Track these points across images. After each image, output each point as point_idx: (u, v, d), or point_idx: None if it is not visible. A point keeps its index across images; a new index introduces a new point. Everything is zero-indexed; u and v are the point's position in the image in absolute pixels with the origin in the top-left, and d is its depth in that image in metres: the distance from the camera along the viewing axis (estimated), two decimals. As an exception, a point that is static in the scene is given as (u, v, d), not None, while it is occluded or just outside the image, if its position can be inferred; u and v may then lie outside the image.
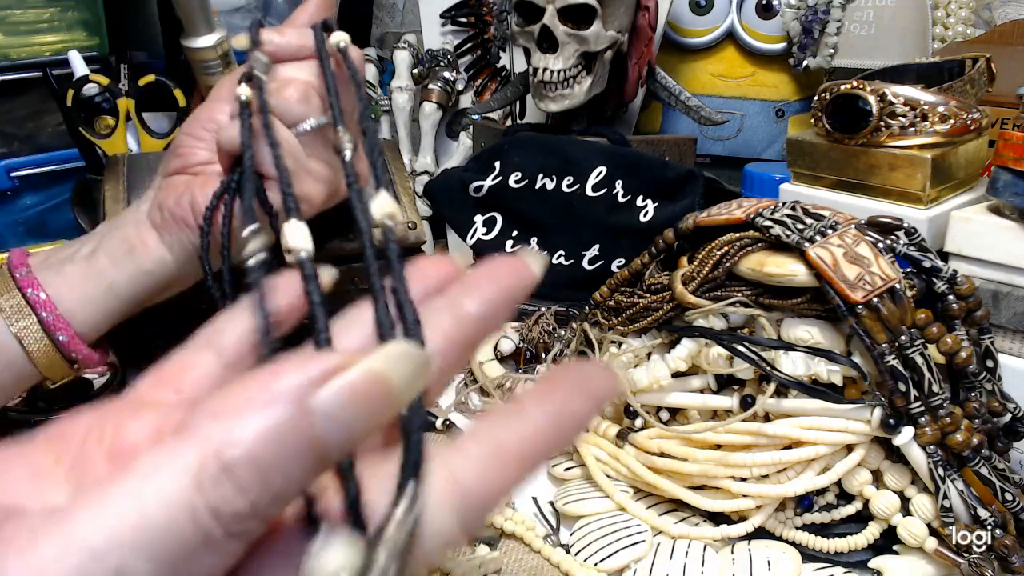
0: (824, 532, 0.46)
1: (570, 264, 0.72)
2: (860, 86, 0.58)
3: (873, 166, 0.59)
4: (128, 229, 0.49)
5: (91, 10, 0.89)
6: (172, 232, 0.48)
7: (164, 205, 0.48)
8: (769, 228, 0.46)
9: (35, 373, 0.49)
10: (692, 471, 0.46)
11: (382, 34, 1.04)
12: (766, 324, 0.46)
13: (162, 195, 0.49)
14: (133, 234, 0.49)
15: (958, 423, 0.43)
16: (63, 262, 0.49)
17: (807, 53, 0.81)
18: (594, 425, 0.52)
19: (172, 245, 0.48)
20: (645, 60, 0.76)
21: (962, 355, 0.44)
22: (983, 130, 0.60)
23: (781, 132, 0.87)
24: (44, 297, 0.48)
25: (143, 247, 0.49)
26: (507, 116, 0.92)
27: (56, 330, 0.48)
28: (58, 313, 0.48)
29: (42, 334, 0.48)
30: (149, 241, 0.49)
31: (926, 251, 0.46)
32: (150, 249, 0.48)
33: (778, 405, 0.45)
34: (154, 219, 0.49)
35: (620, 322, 0.53)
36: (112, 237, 0.50)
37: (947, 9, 0.79)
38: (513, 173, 0.72)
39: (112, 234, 0.50)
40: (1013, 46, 0.71)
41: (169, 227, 0.48)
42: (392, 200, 0.36)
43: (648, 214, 0.70)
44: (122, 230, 0.50)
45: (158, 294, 0.51)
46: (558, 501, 0.50)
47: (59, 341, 0.48)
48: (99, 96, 0.78)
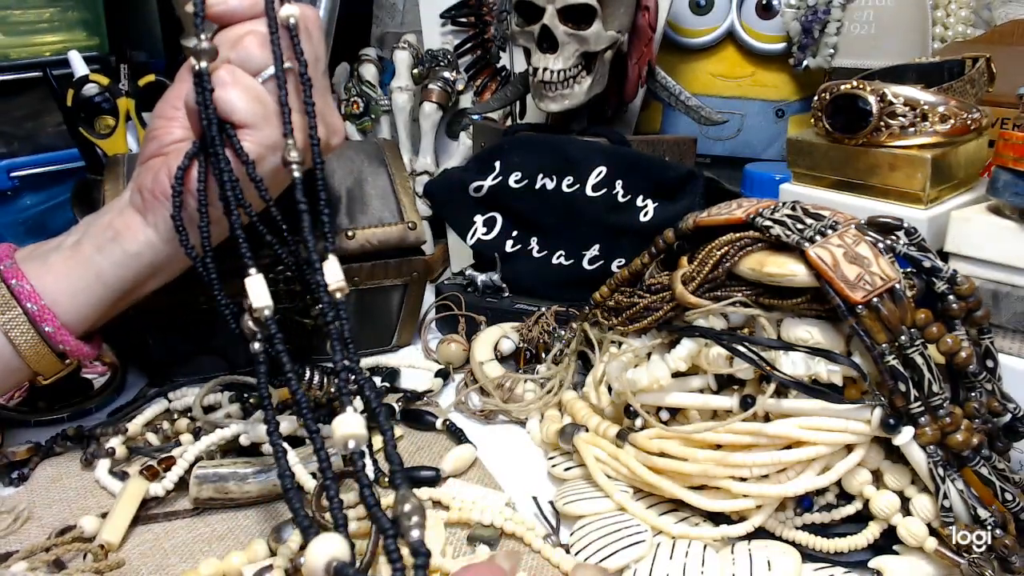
0: (824, 532, 0.46)
1: (570, 264, 0.72)
2: (860, 86, 0.58)
3: (873, 166, 0.59)
4: (111, 215, 0.49)
5: (91, 10, 0.89)
6: (155, 211, 0.48)
7: (144, 187, 0.48)
8: (769, 228, 0.46)
9: (24, 367, 0.49)
10: (692, 471, 0.46)
11: (382, 34, 1.04)
12: (766, 324, 0.46)
13: (141, 178, 0.49)
14: (117, 220, 0.49)
15: (958, 423, 0.43)
16: (48, 252, 0.49)
17: (807, 53, 0.81)
18: (594, 425, 0.52)
19: (157, 225, 0.48)
20: (645, 60, 0.76)
21: (962, 355, 0.44)
22: (983, 130, 0.60)
23: (781, 132, 0.87)
24: (29, 288, 0.48)
25: (128, 231, 0.48)
26: (507, 116, 0.92)
27: (42, 321, 0.48)
28: (43, 304, 0.48)
29: (28, 326, 0.48)
30: (134, 224, 0.49)
31: (926, 251, 0.46)
32: (136, 232, 0.48)
33: (778, 405, 0.45)
34: (135, 203, 0.49)
35: (620, 322, 0.53)
36: (96, 225, 0.50)
37: (947, 9, 0.79)
38: (513, 173, 0.72)
39: (96, 222, 0.50)
40: (1013, 46, 0.70)
41: (152, 207, 0.48)
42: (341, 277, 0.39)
43: (648, 214, 0.70)
44: (105, 217, 0.50)
45: (147, 280, 0.51)
46: (558, 501, 0.50)
47: (45, 332, 0.48)
48: (99, 96, 0.79)
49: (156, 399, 0.60)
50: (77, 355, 0.50)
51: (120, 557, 0.45)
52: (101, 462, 0.53)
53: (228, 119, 0.45)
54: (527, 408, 0.60)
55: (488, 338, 0.68)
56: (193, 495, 0.49)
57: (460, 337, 0.70)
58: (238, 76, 0.45)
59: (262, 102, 0.46)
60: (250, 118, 0.45)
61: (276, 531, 0.45)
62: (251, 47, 0.46)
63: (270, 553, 0.45)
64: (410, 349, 0.74)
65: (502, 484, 0.53)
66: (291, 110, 0.46)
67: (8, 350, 0.48)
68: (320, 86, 0.49)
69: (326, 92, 0.51)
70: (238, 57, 0.46)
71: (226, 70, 0.45)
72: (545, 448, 0.57)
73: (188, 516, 0.49)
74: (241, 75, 0.45)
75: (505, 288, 0.73)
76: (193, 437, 0.56)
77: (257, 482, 0.49)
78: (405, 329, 0.72)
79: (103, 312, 0.50)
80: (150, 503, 0.50)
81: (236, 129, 0.45)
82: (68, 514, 0.49)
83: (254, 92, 0.46)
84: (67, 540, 0.45)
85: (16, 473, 0.53)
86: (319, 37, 0.49)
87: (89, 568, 0.43)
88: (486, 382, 0.63)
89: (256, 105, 0.45)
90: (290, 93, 0.46)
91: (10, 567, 0.43)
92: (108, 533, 0.46)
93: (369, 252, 0.67)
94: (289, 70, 0.46)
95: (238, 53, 0.46)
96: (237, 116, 0.45)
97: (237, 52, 0.46)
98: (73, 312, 0.49)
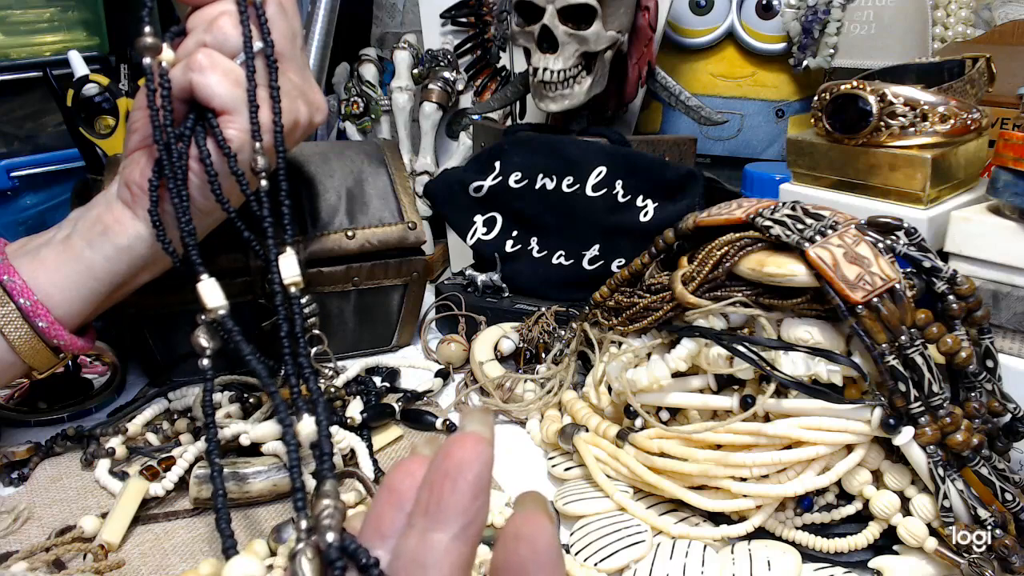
0: (824, 532, 0.46)
1: (570, 264, 0.72)
2: (860, 86, 0.58)
3: (873, 166, 0.59)
4: (100, 210, 0.49)
5: (91, 10, 0.89)
6: (143, 204, 0.48)
7: (130, 180, 0.48)
8: (769, 228, 0.46)
9: (19, 363, 0.49)
10: (692, 471, 0.46)
11: (382, 34, 1.04)
12: (766, 324, 0.46)
13: (127, 172, 0.49)
14: (106, 214, 0.49)
15: (958, 423, 0.43)
16: (39, 248, 0.49)
17: (807, 53, 0.81)
18: (594, 425, 0.52)
19: (146, 218, 0.48)
20: (645, 60, 0.76)
21: (962, 355, 0.44)
22: (983, 130, 0.60)
23: (781, 132, 0.87)
24: (21, 283, 0.47)
25: (117, 225, 0.48)
26: (507, 116, 0.92)
27: (35, 316, 0.47)
28: (36, 299, 0.47)
29: (22, 321, 0.47)
30: (123, 218, 0.48)
31: (926, 251, 0.46)
32: (125, 226, 0.48)
33: (778, 405, 0.45)
34: (123, 197, 0.49)
35: (620, 322, 0.53)
36: (85, 220, 0.49)
37: (947, 9, 0.79)
38: (513, 173, 0.72)
39: (85, 216, 0.50)
40: (1013, 46, 0.70)
41: (139, 200, 0.48)
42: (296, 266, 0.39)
43: (648, 214, 0.70)
44: (94, 211, 0.49)
45: (139, 272, 0.50)
46: (558, 501, 0.50)
47: (39, 328, 0.48)
48: (99, 96, 0.78)
49: (156, 399, 0.60)
50: (71, 349, 0.50)
51: (120, 557, 0.45)
52: (101, 462, 0.53)
53: (208, 105, 0.44)
54: (527, 408, 0.60)
55: (488, 338, 0.68)
56: (193, 495, 0.49)
57: (460, 337, 0.70)
58: (216, 59, 0.44)
59: (243, 86, 0.44)
60: (231, 103, 0.44)
61: (276, 531, 0.45)
62: (226, 27, 0.45)
63: (270, 553, 0.45)
64: (410, 349, 0.74)
65: (502, 484, 0.53)
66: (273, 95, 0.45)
67: (2, 346, 0.48)
68: (300, 63, 0.48)
69: (305, 68, 0.50)
70: (214, 39, 0.45)
71: (203, 54, 0.44)
72: (545, 448, 0.57)
73: (188, 516, 0.49)
74: (219, 58, 0.44)
75: (505, 288, 0.73)
76: (193, 437, 0.56)
77: (257, 482, 0.49)
78: (405, 329, 0.72)
79: (96, 305, 0.50)
80: (150, 503, 0.50)
81: (217, 116, 0.44)
82: (68, 514, 0.49)
83: (234, 76, 0.44)
84: (67, 540, 0.45)
85: (16, 473, 0.53)
86: (294, 11, 0.48)
87: (89, 568, 0.43)
88: (486, 382, 0.63)
89: (237, 89, 0.44)
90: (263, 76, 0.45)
91: (10, 567, 0.43)
92: (108, 533, 0.46)
93: (369, 252, 0.67)
94: (261, 52, 0.45)
95: (214, 35, 0.45)
96: (217, 102, 0.44)
97: (213, 34, 0.45)
98: (66, 306, 0.49)
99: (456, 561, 0.22)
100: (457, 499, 0.22)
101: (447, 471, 0.22)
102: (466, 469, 0.22)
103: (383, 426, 0.59)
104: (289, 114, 0.48)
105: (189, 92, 0.45)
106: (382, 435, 0.58)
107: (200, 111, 0.45)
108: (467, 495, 0.22)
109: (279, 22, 0.46)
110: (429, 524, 0.22)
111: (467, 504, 0.22)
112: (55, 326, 0.48)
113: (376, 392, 0.62)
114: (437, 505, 0.22)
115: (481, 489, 0.22)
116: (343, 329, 0.69)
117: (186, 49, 0.46)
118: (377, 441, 0.57)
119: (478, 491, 0.22)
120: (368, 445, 0.55)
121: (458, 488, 0.22)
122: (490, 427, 0.24)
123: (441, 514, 0.22)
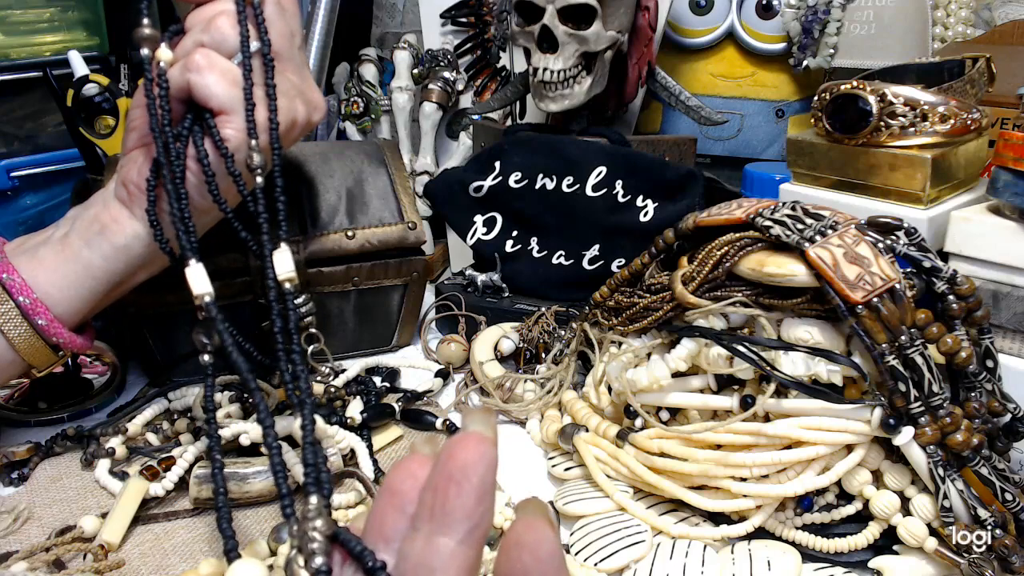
0: (824, 532, 0.46)
1: (570, 264, 0.72)
2: (860, 86, 0.58)
3: (873, 166, 0.59)
4: (97, 209, 0.49)
5: (91, 10, 0.89)
6: (141, 203, 0.48)
7: (128, 179, 0.48)
8: (769, 228, 0.46)
9: (19, 361, 0.49)
10: (692, 471, 0.46)
11: (382, 34, 1.04)
12: (766, 324, 0.46)
13: (124, 171, 0.49)
14: (103, 213, 0.49)
15: (958, 423, 0.42)
16: (37, 246, 0.49)
17: (807, 53, 0.81)
18: (594, 425, 0.52)
19: (143, 217, 0.48)
20: (645, 60, 0.76)
21: (962, 355, 0.44)
22: (983, 130, 0.60)
23: (781, 132, 0.87)
24: (20, 281, 0.47)
25: (115, 224, 0.48)
26: (507, 116, 0.92)
27: (35, 314, 0.47)
28: (35, 297, 0.47)
29: (21, 319, 0.47)
30: (120, 218, 0.48)
31: (926, 251, 0.46)
32: (122, 226, 0.48)
33: (778, 405, 0.45)
34: (121, 196, 0.49)
35: (620, 322, 0.53)
36: (83, 218, 0.49)
37: (947, 9, 0.79)
38: (513, 173, 0.72)
39: (83, 215, 0.50)
40: (1013, 46, 0.71)
41: (137, 199, 0.48)
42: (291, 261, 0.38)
43: (648, 214, 0.70)
44: (91, 210, 0.49)
45: (137, 270, 0.50)
46: (558, 501, 0.50)
47: (39, 326, 0.48)
48: (99, 96, 0.78)
49: (156, 399, 0.60)
50: (71, 347, 0.50)
51: (120, 557, 0.45)
52: (101, 462, 0.53)
53: (205, 105, 0.44)
54: (527, 408, 0.60)
55: (488, 338, 0.68)
56: (193, 495, 0.49)
57: (460, 337, 0.70)
58: (214, 59, 0.44)
59: (241, 86, 0.44)
60: (228, 103, 0.44)
61: (276, 531, 0.45)
62: (224, 27, 0.45)
63: (270, 553, 0.45)
64: (410, 349, 0.74)
65: (502, 484, 0.53)
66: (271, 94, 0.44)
67: (2, 344, 0.48)
68: (298, 62, 0.48)
69: (303, 67, 0.49)
70: (212, 39, 0.45)
71: (201, 54, 0.44)
72: (545, 448, 0.57)
73: (188, 516, 0.49)
74: (216, 58, 0.44)
75: (505, 288, 0.73)
76: (193, 437, 0.56)
77: (257, 482, 0.49)
78: (405, 329, 0.72)
79: (95, 304, 0.50)
80: (150, 503, 0.50)
81: (215, 116, 0.44)
82: (68, 514, 0.49)
83: (231, 76, 0.44)
84: (67, 540, 0.45)
85: (16, 473, 0.53)
86: (294, 11, 0.48)
87: (89, 568, 0.43)
88: (486, 382, 0.63)
89: (234, 90, 0.44)
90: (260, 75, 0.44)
91: (10, 567, 0.43)
92: (108, 533, 0.46)
93: (369, 252, 0.67)
94: (258, 51, 0.45)
95: (212, 35, 0.45)
96: (215, 102, 0.44)
97: (211, 34, 0.45)
98: (65, 305, 0.49)
99: (463, 565, 0.22)
100: (462, 503, 0.22)
101: (451, 474, 0.22)
102: (471, 472, 0.22)
103: (383, 426, 0.59)
104: (286, 113, 0.48)
105: (187, 92, 0.45)
106: (382, 435, 0.58)
107: (198, 111, 0.45)
108: (472, 499, 0.22)
109: (277, 21, 0.46)
110: (435, 528, 0.22)
111: (472, 508, 0.22)
112: (54, 324, 0.48)
113: (376, 392, 0.63)
114: (442, 509, 0.22)
115: (486, 492, 0.22)
116: (343, 329, 0.69)
117: (184, 48, 0.46)
118: (377, 441, 0.57)
119: (483, 494, 0.22)
120: (368, 445, 0.55)
121: (463, 492, 0.22)
122: (493, 427, 0.24)
123: (447, 518, 0.22)
